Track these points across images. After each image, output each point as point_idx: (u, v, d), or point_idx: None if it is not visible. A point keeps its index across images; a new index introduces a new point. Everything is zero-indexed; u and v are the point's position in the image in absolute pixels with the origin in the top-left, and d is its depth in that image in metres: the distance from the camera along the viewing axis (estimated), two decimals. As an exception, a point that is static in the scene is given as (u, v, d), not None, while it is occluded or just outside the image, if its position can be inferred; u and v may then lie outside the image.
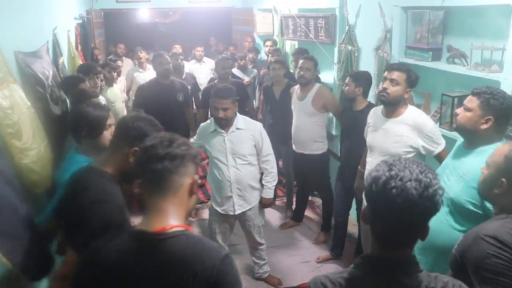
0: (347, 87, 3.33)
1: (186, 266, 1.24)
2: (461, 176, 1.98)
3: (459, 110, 2.08)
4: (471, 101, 2.01)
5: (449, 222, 2.00)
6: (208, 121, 3.15)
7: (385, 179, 1.10)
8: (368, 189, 1.15)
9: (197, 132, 3.20)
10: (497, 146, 1.73)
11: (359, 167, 3.12)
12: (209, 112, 4.18)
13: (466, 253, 1.50)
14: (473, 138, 2.04)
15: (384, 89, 2.58)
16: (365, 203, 1.23)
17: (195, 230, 4.23)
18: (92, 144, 2.10)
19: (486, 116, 1.96)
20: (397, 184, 1.08)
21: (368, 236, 1.25)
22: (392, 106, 2.63)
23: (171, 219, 1.29)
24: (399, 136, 2.59)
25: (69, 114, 2.60)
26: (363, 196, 2.90)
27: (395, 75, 2.56)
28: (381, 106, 2.77)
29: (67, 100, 3.11)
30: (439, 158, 2.50)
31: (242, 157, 3.02)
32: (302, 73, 3.73)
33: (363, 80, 3.30)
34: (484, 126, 1.97)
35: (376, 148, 2.74)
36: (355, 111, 3.33)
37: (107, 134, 2.09)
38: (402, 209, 1.08)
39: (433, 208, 1.10)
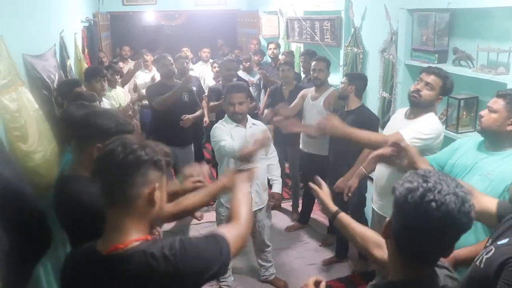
0: (342, 86, 3.36)
1: (141, 284, 1.15)
2: (486, 175, 1.96)
3: (483, 112, 2.06)
4: (496, 103, 1.99)
5: None
6: (222, 122, 3.09)
7: (422, 191, 1.04)
8: (402, 200, 1.07)
9: (217, 135, 2.98)
10: None
11: (361, 167, 3.01)
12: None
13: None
14: (498, 140, 2.02)
15: (417, 90, 2.48)
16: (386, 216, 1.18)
17: (202, 233, 4.22)
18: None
19: None
20: (436, 197, 1.02)
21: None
22: (419, 109, 2.52)
23: (130, 234, 1.19)
24: None
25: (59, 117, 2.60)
26: (372, 204, 2.89)
27: (431, 79, 2.46)
28: (405, 109, 2.67)
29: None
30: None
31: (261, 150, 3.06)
32: (315, 74, 3.77)
33: (357, 79, 3.32)
34: (511, 128, 1.96)
35: None
36: (346, 111, 3.31)
37: None
38: (440, 224, 1.02)
39: (467, 225, 1.05)
